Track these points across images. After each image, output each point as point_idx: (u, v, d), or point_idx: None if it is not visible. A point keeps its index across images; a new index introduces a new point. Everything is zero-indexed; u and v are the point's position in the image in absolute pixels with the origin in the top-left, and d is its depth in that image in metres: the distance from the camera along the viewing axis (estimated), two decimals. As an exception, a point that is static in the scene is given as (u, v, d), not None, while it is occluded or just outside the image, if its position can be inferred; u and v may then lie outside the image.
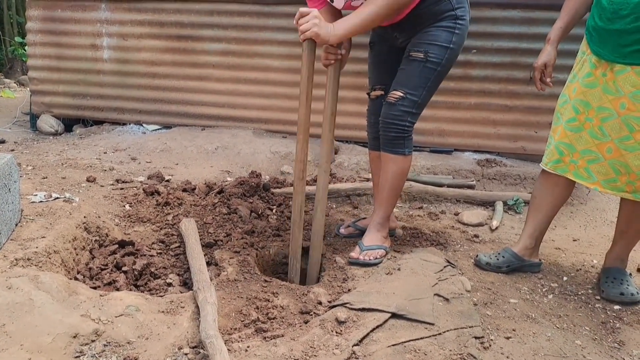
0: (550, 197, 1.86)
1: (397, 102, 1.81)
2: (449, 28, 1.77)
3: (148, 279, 1.70)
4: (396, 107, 1.81)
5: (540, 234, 1.93)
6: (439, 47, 1.76)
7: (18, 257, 1.47)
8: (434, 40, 1.76)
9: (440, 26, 1.76)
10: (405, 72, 1.82)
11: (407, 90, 1.80)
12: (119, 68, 3.83)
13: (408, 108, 1.81)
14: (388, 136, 1.85)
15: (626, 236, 1.83)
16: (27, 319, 1.21)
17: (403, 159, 1.88)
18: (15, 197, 1.66)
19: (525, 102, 3.26)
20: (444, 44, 1.76)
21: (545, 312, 1.64)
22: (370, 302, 1.54)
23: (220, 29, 3.63)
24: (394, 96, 1.82)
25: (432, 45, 1.76)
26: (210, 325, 1.27)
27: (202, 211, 2.30)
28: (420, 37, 1.79)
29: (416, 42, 1.80)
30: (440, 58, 1.77)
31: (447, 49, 1.77)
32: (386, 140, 1.87)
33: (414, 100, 1.80)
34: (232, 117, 3.71)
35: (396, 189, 1.93)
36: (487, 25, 3.19)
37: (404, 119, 1.82)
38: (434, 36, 1.76)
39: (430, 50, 1.76)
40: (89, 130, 3.92)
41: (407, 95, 1.80)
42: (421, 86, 1.80)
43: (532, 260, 1.94)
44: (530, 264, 1.93)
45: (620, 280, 1.79)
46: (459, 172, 3.05)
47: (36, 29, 3.91)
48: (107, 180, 2.62)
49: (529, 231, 1.93)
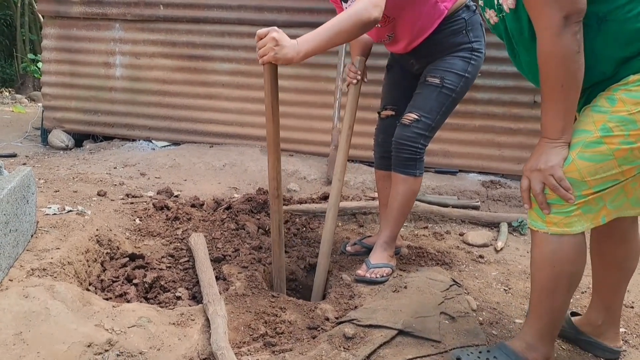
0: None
1: (411, 124, 1.85)
2: (466, 58, 1.84)
3: (158, 291, 1.73)
4: (410, 129, 1.85)
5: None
6: (455, 75, 1.83)
7: (34, 267, 1.50)
8: (450, 67, 1.83)
9: (457, 55, 1.83)
10: (421, 96, 1.87)
11: (422, 113, 1.85)
12: (131, 85, 3.92)
13: (422, 130, 1.85)
14: (400, 157, 1.89)
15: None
16: (43, 327, 1.24)
17: (414, 180, 1.91)
18: (32, 209, 1.70)
19: (529, 126, 3.31)
20: (460, 72, 1.83)
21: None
22: (378, 319, 1.56)
23: (231, 49, 3.73)
24: (408, 118, 1.86)
25: (449, 72, 1.83)
26: (221, 337, 1.29)
27: (210, 226, 2.33)
28: (437, 64, 1.85)
29: (433, 69, 1.86)
30: (455, 85, 1.83)
31: (462, 77, 1.83)
32: (398, 160, 1.90)
33: (428, 124, 1.85)
34: (240, 135, 3.78)
35: (405, 209, 1.96)
36: (491, 50, 3.26)
37: (417, 141, 1.86)
38: (450, 64, 1.83)
39: (447, 77, 1.82)
40: (99, 146, 3.99)
41: (421, 118, 1.84)
42: (435, 110, 1.85)
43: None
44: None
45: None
46: (464, 193, 3.08)
47: (51, 46, 4.02)
48: (117, 194, 2.66)
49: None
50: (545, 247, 1.25)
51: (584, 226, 1.23)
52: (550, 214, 1.22)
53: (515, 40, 1.28)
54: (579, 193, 1.18)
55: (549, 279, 1.27)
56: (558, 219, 1.22)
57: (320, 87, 3.58)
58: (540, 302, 1.31)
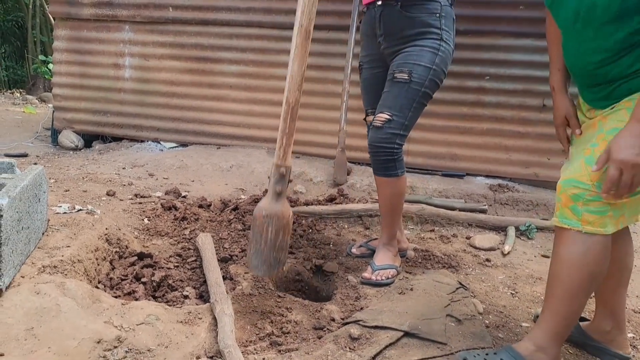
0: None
1: (384, 125, 1.81)
2: (433, 49, 1.80)
3: (166, 290, 1.75)
4: (383, 131, 1.81)
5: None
6: (423, 68, 1.79)
7: (45, 265, 1.53)
8: (417, 60, 1.79)
9: (425, 46, 1.80)
10: (391, 94, 1.83)
11: (393, 112, 1.80)
12: (140, 87, 3.96)
13: (395, 130, 1.81)
14: (379, 160, 1.86)
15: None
16: (54, 323, 1.26)
17: (397, 180, 1.89)
18: (44, 207, 1.72)
19: (537, 129, 3.30)
20: (427, 65, 1.79)
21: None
22: (383, 321, 1.56)
23: (239, 51, 3.75)
24: (380, 119, 1.82)
25: (416, 66, 1.79)
26: (228, 336, 1.31)
27: (217, 227, 2.35)
28: (404, 58, 1.81)
29: (400, 63, 1.82)
30: (423, 78, 1.79)
31: (430, 70, 1.80)
32: (377, 164, 1.87)
33: (400, 122, 1.81)
34: (247, 137, 3.80)
35: (396, 209, 1.96)
36: (500, 53, 3.26)
37: (393, 141, 1.82)
38: (418, 56, 1.79)
39: (414, 70, 1.78)
40: (108, 147, 4.03)
41: (393, 117, 1.80)
42: (407, 107, 1.81)
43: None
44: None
45: None
46: (471, 196, 3.08)
47: (62, 47, 4.06)
48: (126, 194, 2.69)
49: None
50: (576, 246, 1.24)
51: (613, 229, 1.23)
52: (586, 212, 1.21)
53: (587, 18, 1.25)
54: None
55: (574, 279, 1.25)
56: (593, 218, 1.21)
57: (327, 89, 3.59)
58: (559, 301, 1.29)
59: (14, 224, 1.41)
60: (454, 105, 3.39)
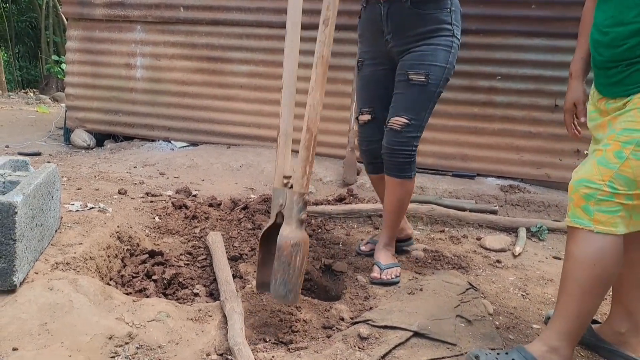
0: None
1: (402, 129, 1.79)
2: (447, 47, 1.77)
3: (176, 288, 1.76)
4: (402, 135, 1.80)
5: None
6: (439, 68, 1.76)
7: (58, 261, 1.55)
8: (433, 61, 1.76)
9: (439, 44, 1.76)
10: (407, 96, 1.79)
11: (412, 116, 1.78)
12: (151, 87, 4.00)
13: (413, 133, 1.81)
14: (395, 161, 1.84)
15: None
16: (67, 319, 1.28)
17: (410, 182, 1.89)
18: (57, 205, 1.74)
19: (549, 130, 3.27)
20: (443, 64, 1.76)
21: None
22: (393, 320, 1.56)
23: (249, 51, 3.77)
24: (398, 123, 1.80)
25: (433, 67, 1.76)
26: (237, 333, 1.31)
27: (227, 225, 2.36)
28: (418, 57, 1.77)
29: (414, 64, 1.77)
30: (439, 79, 1.77)
31: (444, 69, 1.78)
32: (392, 165, 1.86)
33: (418, 125, 1.80)
34: (257, 137, 3.81)
35: (403, 209, 1.98)
36: (511, 53, 3.24)
37: (410, 145, 1.82)
38: (433, 56, 1.76)
39: (431, 72, 1.75)
40: (119, 146, 4.07)
41: (411, 122, 1.79)
42: (424, 110, 1.79)
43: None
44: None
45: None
46: (482, 197, 3.06)
47: (75, 48, 4.12)
48: (137, 193, 2.71)
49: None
50: (589, 245, 1.24)
51: (624, 229, 1.23)
52: (597, 212, 1.22)
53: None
54: (630, 192, 1.20)
55: (587, 278, 1.25)
56: (605, 218, 1.22)
57: (337, 89, 3.59)
58: (571, 300, 1.29)
59: (27, 221, 1.43)
60: (465, 105, 3.37)
